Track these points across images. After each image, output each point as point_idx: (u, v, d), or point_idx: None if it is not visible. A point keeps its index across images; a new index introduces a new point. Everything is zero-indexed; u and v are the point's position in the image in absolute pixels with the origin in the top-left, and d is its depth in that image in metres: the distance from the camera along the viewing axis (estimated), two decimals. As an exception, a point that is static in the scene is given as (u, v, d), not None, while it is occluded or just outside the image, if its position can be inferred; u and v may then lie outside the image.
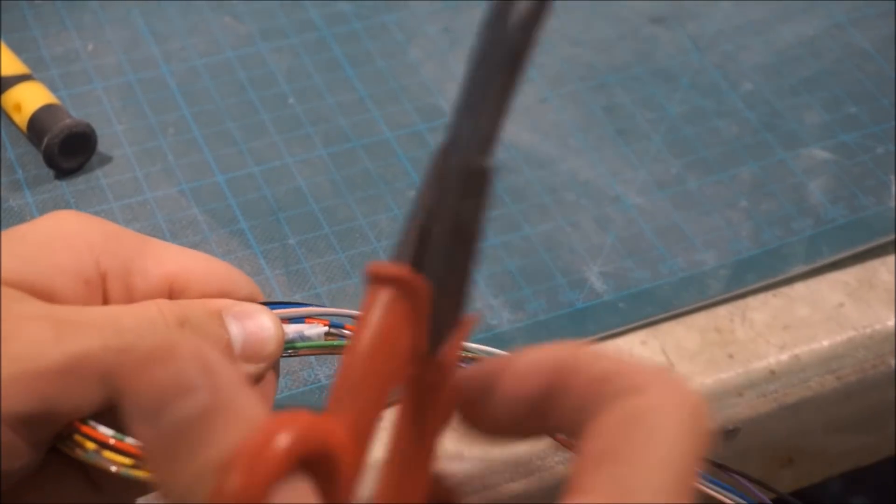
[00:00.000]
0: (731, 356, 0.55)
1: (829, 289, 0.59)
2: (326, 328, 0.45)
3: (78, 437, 0.39)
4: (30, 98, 0.60)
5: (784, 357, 0.56)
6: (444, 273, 0.31)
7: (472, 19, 0.68)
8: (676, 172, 0.62)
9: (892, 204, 0.61)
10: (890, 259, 0.60)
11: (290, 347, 0.45)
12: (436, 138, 0.63)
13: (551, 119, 0.64)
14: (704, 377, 0.55)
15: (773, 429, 0.56)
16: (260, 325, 0.43)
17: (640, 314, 0.57)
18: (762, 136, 0.64)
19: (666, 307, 0.57)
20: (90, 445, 0.39)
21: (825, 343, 0.57)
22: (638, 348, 0.56)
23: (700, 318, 0.57)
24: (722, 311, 0.57)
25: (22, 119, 0.60)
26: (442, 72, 0.66)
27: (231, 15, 0.67)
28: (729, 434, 0.54)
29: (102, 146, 0.61)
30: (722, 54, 0.68)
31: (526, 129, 0.64)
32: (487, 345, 0.55)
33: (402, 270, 0.30)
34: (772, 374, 0.55)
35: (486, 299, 0.56)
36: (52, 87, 0.62)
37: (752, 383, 0.55)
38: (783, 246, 0.60)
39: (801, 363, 0.56)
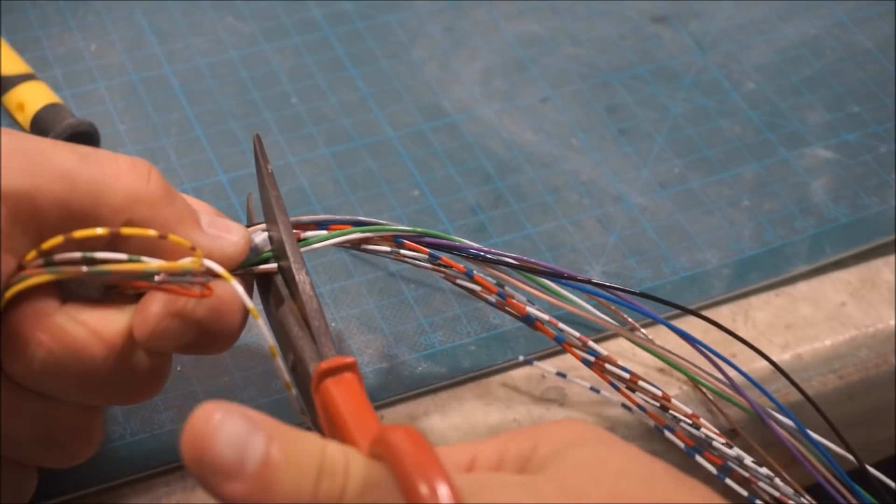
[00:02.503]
0: (733, 355, 0.55)
1: (832, 288, 0.59)
2: (266, 234, 0.48)
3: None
4: (33, 97, 0.60)
5: (786, 356, 0.56)
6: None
7: (474, 19, 0.69)
8: (679, 172, 0.62)
9: (895, 203, 0.61)
10: (892, 258, 0.60)
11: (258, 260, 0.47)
12: (438, 137, 0.63)
13: (553, 119, 0.64)
14: (707, 377, 0.55)
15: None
16: (225, 221, 0.46)
17: (643, 313, 0.56)
18: (764, 136, 0.64)
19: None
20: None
21: (827, 342, 0.57)
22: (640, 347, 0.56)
23: (702, 318, 0.57)
24: (724, 310, 0.57)
25: (25, 118, 0.60)
26: (444, 71, 0.66)
27: (234, 15, 0.67)
28: (731, 433, 0.54)
29: (105, 145, 0.61)
30: (724, 54, 0.68)
31: (528, 128, 0.64)
32: (490, 344, 0.55)
33: (347, 359, 0.41)
34: (774, 374, 0.55)
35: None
36: (55, 87, 0.62)
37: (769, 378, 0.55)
38: (785, 245, 0.60)
39: (804, 362, 0.56)
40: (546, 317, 0.51)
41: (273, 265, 0.47)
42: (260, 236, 0.47)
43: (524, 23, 0.69)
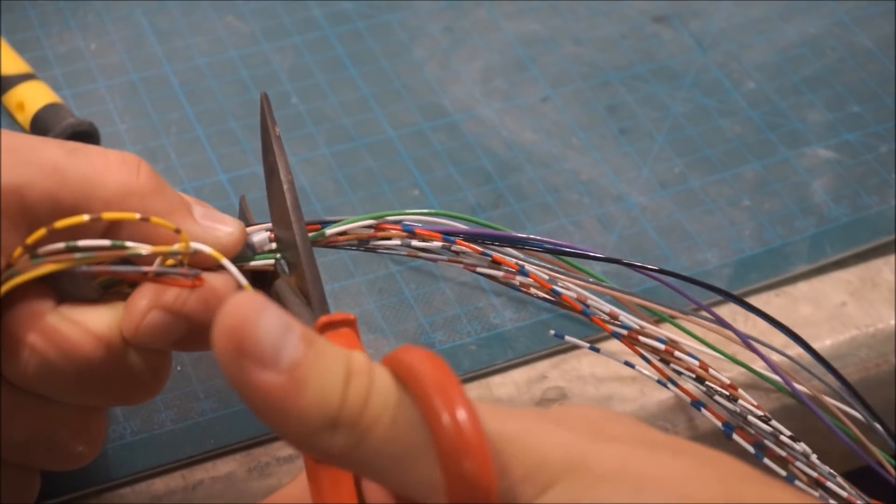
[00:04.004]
0: (733, 355, 0.55)
1: (832, 288, 0.59)
2: (265, 233, 0.47)
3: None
4: (33, 97, 0.60)
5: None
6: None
7: (474, 19, 0.68)
8: (679, 171, 0.62)
9: (895, 203, 0.61)
10: (892, 258, 0.60)
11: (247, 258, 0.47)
12: (438, 137, 0.63)
13: (554, 118, 0.64)
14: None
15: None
16: (219, 213, 0.46)
17: (644, 313, 0.56)
18: (765, 135, 0.64)
19: (668, 306, 0.57)
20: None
21: (828, 342, 0.57)
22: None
23: (703, 317, 0.57)
24: (724, 310, 0.57)
25: (25, 118, 0.60)
26: (444, 71, 0.66)
27: (234, 14, 0.67)
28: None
29: (105, 145, 0.60)
30: (725, 53, 0.68)
31: (528, 128, 0.64)
32: (491, 344, 0.55)
33: (346, 314, 0.40)
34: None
35: (488, 298, 0.56)
36: (55, 87, 0.62)
37: (755, 382, 0.55)
38: (786, 245, 0.60)
39: (804, 362, 0.56)
40: (573, 293, 0.50)
41: (269, 261, 0.47)
42: (258, 235, 0.47)
43: (524, 22, 0.69)
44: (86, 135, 0.59)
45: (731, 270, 0.58)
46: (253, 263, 0.46)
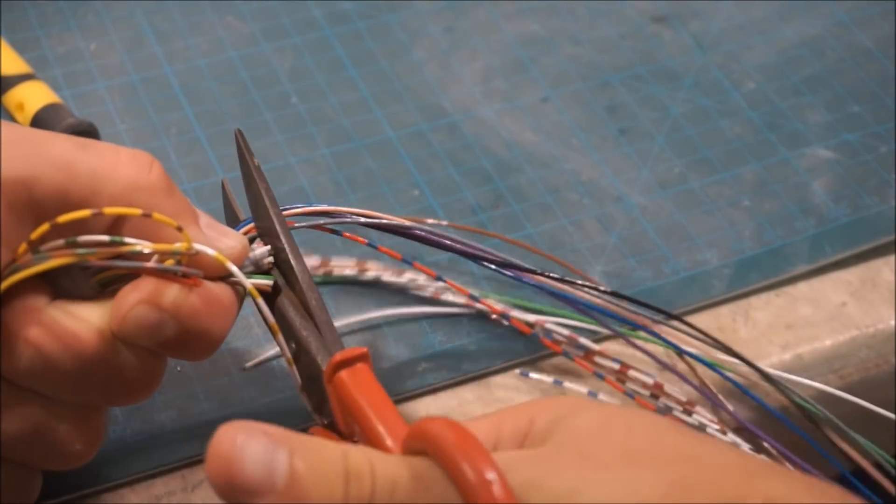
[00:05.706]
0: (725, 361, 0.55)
1: (832, 288, 0.59)
2: (266, 248, 0.47)
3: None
4: (32, 97, 0.60)
5: (787, 357, 0.56)
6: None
7: (474, 19, 0.68)
8: (679, 172, 0.62)
9: (895, 203, 0.61)
10: (892, 258, 0.60)
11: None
12: (438, 137, 0.63)
13: (553, 119, 0.64)
14: (707, 377, 0.55)
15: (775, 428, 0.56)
16: (224, 227, 0.46)
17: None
18: (765, 136, 0.64)
19: (669, 307, 0.57)
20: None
21: (828, 343, 0.57)
22: (640, 348, 0.56)
23: (703, 318, 0.57)
24: (724, 310, 0.57)
25: (24, 118, 0.60)
26: (444, 71, 0.66)
27: (234, 15, 0.67)
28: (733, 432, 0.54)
29: (105, 146, 0.61)
30: (724, 54, 0.68)
31: (528, 128, 0.64)
32: (491, 344, 0.55)
33: (359, 349, 0.41)
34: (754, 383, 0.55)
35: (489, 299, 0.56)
36: (55, 87, 0.62)
37: (755, 383, 0.55)
38: (786, 245, 0.60)
39: (804, 363, 0.56)
40: (522, 315, 0.51)
41: (268, 281, 0.46)
42: (259, 249, 0.47)
43: (524, 23, 0.69)
44: (85, 135, 0.59)
45: (731, 271, 0.58)
46: (252, 282, 0.46)
